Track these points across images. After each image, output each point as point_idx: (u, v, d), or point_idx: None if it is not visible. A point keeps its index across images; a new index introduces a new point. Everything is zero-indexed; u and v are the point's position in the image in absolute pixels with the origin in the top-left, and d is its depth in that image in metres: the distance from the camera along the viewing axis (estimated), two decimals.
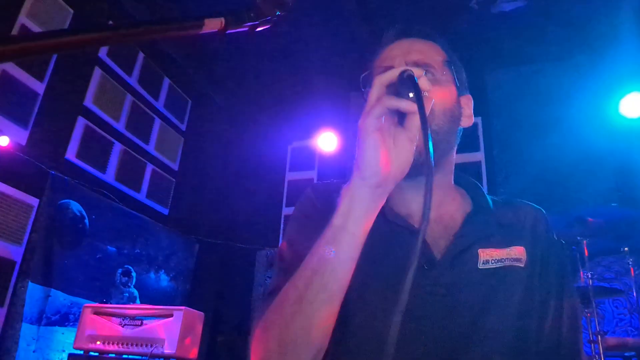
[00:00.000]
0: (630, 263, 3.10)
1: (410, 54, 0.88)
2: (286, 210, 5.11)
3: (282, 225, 5.05)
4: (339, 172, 4.82)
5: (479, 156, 4.50)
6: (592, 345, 2.68)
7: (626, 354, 3.02)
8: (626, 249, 3.10)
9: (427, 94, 0.70)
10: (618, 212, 2.90)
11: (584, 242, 2.84)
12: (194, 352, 2.68)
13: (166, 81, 5.00)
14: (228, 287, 4.96)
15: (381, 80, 0.71)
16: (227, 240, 4.95)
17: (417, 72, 0.71)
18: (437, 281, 0.81)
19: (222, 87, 5.41)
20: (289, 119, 5.25)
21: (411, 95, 0.69)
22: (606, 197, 3.90)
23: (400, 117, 0.72)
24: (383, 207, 0.76)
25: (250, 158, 5.27)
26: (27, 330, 3.16)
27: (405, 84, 0.69)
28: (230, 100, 5.53)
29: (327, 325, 0.73)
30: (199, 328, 2.77)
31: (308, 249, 0.77)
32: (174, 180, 4.99)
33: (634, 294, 3.10)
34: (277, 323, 0.75)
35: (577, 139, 4.21)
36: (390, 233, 0.85)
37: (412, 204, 0.89)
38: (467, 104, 0.94)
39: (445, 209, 0.90)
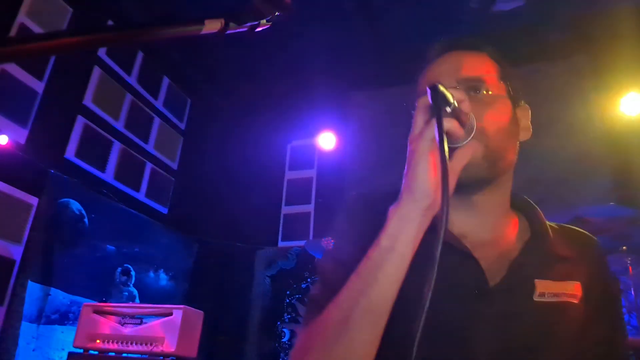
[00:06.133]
0: (628, 262, 3.10)
1: (461, 70, 0.86)
2: (285, 209, 5.11)
3: (281, 224, 5.05)
4: (339, 171, 4.83)
5: None
6: None
7: None
8: (624, 248, 3.10)
9: (457, 106, 0.71)
10: (617, 211, 2.90)
11: None
12: (193, 350, 2.68)
13: (165, 80, 5.00)
14: (227, 286, 4.96)
15: (424, 102, 0.73)
16: (226, 240, 4.95)
17: (457, 95, 0.71)
18: (490, 308, 0.79)
19: (221, 86, 5.40)
20: (289, 118, 5.25)
21: (449, 110, 0.70)
22: (605, 196, 3.90)
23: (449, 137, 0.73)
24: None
25: (250, 157, 5.27)
26: (26, 329, 3.16)
27: (436, 101, 0.70)
28: (229, 99, 5.53)
29: (370, 349, 0.72)
30: (199, 327, 2.78)
31: (353, 263, 0.76)
32: (173, 179, 4.99)
33: (632, 293, 3.11)
34: (318, 345, 0.73)
35: (576, 138, 4.21)
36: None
37: (465, 224, 0.87)
38: (524, 114, 0.93)
39: (499, 233, 0.88)
